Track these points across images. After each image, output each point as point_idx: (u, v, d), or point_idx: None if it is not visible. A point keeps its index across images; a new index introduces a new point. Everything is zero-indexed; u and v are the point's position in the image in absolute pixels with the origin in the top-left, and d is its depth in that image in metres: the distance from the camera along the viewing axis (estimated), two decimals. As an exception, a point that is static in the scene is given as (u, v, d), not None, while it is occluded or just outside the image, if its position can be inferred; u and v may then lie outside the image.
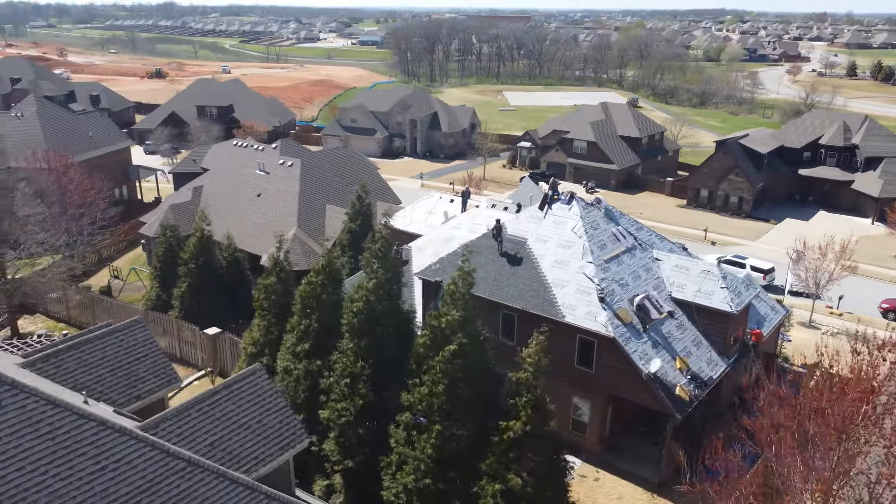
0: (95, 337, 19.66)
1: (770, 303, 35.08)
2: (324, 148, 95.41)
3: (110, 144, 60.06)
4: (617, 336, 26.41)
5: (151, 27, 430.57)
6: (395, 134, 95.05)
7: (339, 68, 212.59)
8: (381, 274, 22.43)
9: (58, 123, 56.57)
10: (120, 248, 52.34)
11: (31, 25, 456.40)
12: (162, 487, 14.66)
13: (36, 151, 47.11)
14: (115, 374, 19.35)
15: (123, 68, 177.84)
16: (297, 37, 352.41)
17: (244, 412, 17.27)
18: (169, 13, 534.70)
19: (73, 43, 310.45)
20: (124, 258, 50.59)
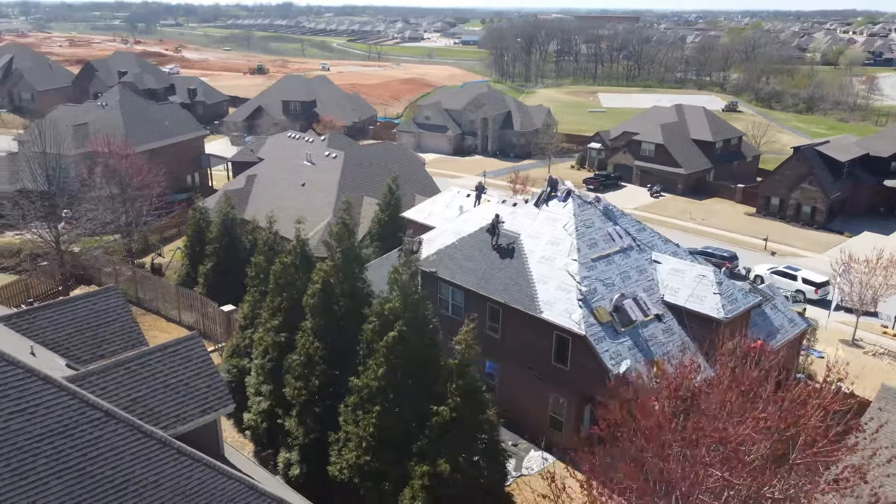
0: (70, 299, 21.81)
1: (788, 314, 33.50)
2: (397, 141, 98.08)
3: (184, 133, 64.38)
4: (589, 334, 26.26)
5: (268, 26, 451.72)
6: (468, 132, 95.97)
7: (434, 67, 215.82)
8: (339, 257, 23.46)
9: (137, 112, 61.28)
10: (182, 231, 56.08)
11: (162, 24, 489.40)
12: (75, 433, 16.29)
13: (101, 136, 51.26)
14: (84, 333, 21.38)
15: (230, 64, 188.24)
16: (402, 36, 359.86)
17: (172, 373, 18.74)
18: (286, 13, 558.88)
19: (194, 40, 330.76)
20: (183, 240, 54.23)
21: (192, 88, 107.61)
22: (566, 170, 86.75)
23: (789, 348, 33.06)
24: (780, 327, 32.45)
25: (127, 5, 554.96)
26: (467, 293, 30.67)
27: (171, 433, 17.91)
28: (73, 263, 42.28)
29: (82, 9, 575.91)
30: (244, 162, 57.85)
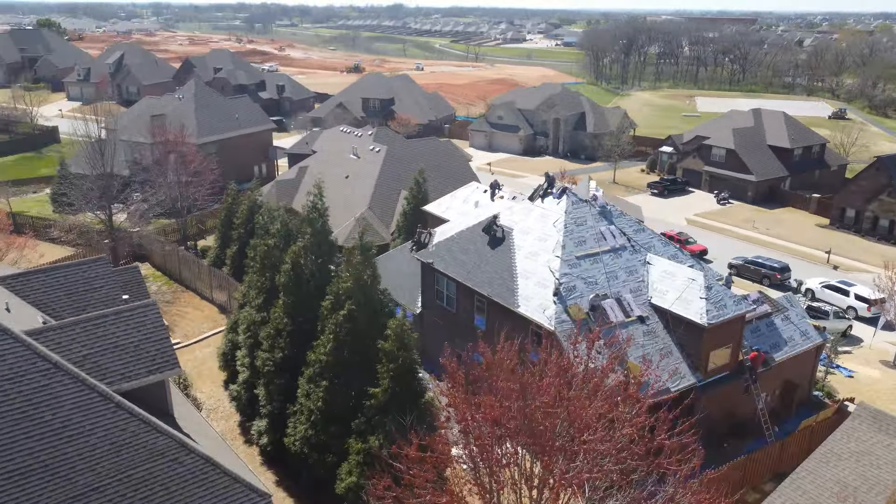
0: (63, 266, 24.18)
1: (802, 327, 31.95)
2: (470, 140, 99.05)
3: (253, 126, 68.01)
4: (559, 331, 26.24)
5: (376, 27, 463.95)
6: (540, 132, 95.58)
7: (526, 68, 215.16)
8: (309, 238, 24.70)
9: (209, 105, 65.35)
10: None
11: (278, 24, 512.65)
12: (24, 380, 18.31)
13: (159, 125, 55.04)
14: (70, 296, 23.69)
15: (328, 63, 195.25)
16: (504, 37, 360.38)
17: (125, 335, 20.52)
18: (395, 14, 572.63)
19: (304, 40, 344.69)
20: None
21: (281, 85, 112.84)
22: (636, 173, 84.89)
23: (800, 362, 31.52)
24: (788, 339, 31.06)
25: (247, 7, 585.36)
26: (458, 285, 31.23)
27: (115, 389, 19.65)
28: (129, 242, 45.92)
29: (208, 10, 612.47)
30: (299, 154, 60.52)
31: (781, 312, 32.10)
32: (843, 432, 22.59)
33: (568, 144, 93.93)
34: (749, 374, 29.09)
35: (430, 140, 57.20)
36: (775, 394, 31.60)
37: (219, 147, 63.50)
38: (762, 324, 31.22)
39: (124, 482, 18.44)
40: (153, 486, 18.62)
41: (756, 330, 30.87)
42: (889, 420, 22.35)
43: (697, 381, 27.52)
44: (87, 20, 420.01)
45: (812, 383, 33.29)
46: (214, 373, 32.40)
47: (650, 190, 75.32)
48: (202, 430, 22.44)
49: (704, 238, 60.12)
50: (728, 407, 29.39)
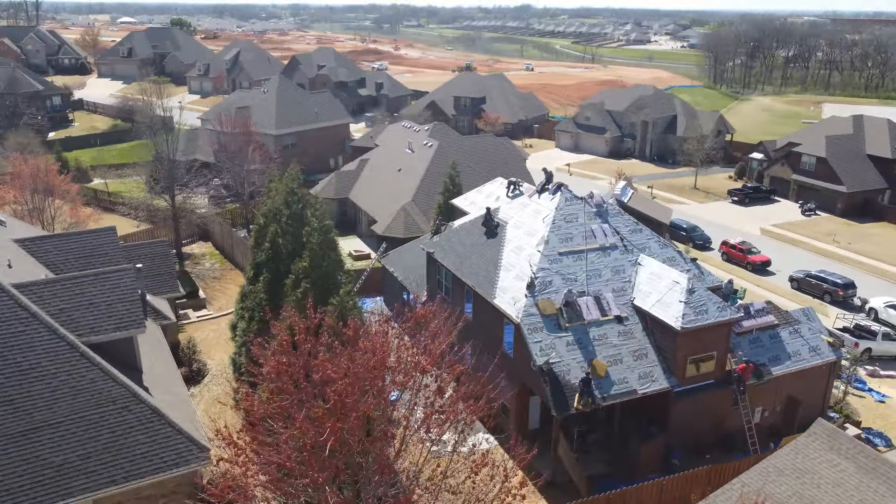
0: (75, 233, 27.33)
1: (813, 342, 30.25)
2: (556, 141, 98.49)
3: (331, 120, 71.37)
4: (524, 323, 26.50)
5: (499, 28, 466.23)
6: (627, 134, 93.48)
7: (641, 70, 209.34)
8: (286, 221, 26.43)
9: (291, 99, 69.31)
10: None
11: (406, 24, 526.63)
12: (3, 325, 21.18)
13: (225, 117, 58.91)
14: (78, 259, 26.76)
15: (439, 62, 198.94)
16: (627, 38, 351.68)
17: (100, 294, 23.07)
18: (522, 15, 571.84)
19: (427, 40, 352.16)
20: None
21: (379, 82, 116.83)
22: (723, 180, 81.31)
23: (807, 378, 29.85)
24: (793, 353, 29.56)
25: (378, 7, 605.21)
26: (452, 275, 32.01)
27: (84, 340, 22.21)
28: (192, 222, 50.00)
29: (341, 10, 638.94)
30: (363, 147, 63.01)
31: (791, 325, 30.50)
32: (793, 448, 21.52)
33: (656, 148, 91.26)
34: (736, 386, 27.97)
35: (487, 137, 57.89)
36: (775, 409, 30.08)
37: (296, 139, 67.26)
38: (765, 335, 29.85)
39: (77, 422, 20.86)
40: (102, 427, 20.93)
41: (756, 341, 29.59)
42: (844, 440, 21.07)
43: (672, 385, 26.85)
44: (230, 20, 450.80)
45: (825, 403, 31.33)
46: (229, 342, 35.00)
47: (730, 197, 72.05)
48: (171, 388, 24.69)
49: (777, 250, 57.14)
50: (715, 417, 28.42)
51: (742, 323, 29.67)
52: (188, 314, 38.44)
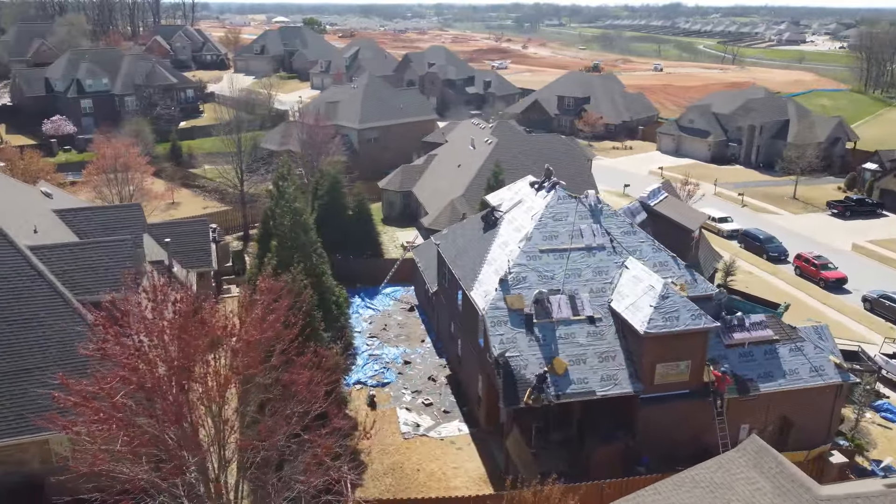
0: (103, 207, 30.98)
1: (817, 362, 28.45)
2: (658, 143, 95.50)
3: (415, 116, 73.68)
4: (489, 316, 27.02)
5: (642, 27, 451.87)
6: (733, 139, 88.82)
7: (784, 72, 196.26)
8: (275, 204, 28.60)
9: (377, 95, 72.35)
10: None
11: (547, 23, 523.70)
12: (13, 281, 24.81)
13: (333, 111, 62.49)
14: (105, 230, 30.35)
15: (563, 62, 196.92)
16: (779, 38, 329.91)
17: (100, 260, 26.26)
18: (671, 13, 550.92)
19: (563, 39, 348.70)
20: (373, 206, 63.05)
21: (488, 81, 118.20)
22: (832, 191, 75.46)
23: (805, 399, 28.12)
24: (789, 372, 28.02)
25: (521, 6, 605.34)
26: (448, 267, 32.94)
27: (80, 298, 25.48)
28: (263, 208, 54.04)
29: (484, 10, 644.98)
30: (433, 143, 64.68)
31: (793, 342, 28.79)
32: (718, 461, 20.75)
33: (764, 154, 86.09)
34: (713, 398, 26.94)
35: (552, 137, 57.66)
36: (766, 428, 28.51)
37: (379, 133, 70.20)
38: (759, 349, 28.42)
39: (64, 367, 24.04)
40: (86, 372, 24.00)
41: (747, 354, 28.26)
42: (770, 459, 20.06)
43: (636, 390, 26.37)
44: (376, 20, 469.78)
45: (831, 428, 29.23)
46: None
47: (830, 210, 66.94)
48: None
49: (864, 267, 52.95)
50: (692, 428, 27.44)
51: (733, 335, 28.45)
52: (231, 288, 41.87)
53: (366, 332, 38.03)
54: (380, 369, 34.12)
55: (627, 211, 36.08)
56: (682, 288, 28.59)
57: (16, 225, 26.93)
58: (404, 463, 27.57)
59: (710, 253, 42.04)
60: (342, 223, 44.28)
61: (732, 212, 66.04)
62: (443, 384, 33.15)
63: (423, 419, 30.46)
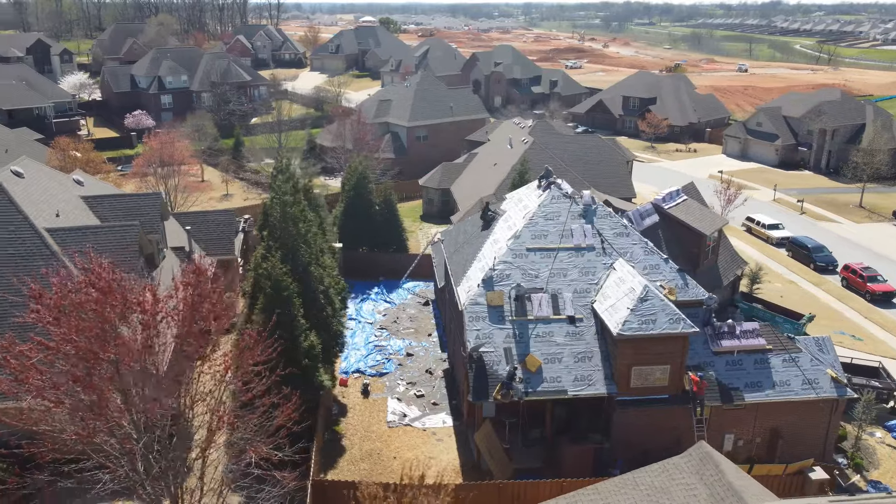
0: (125, 195, 33.26)
1: (811, 375, 27.46)
2: (723, 147, 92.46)
3: (465, 115, 74.32)
4: (467, 311, 27.47)
5: (736, 26, 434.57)
6: (803, 143, 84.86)
7: (883, 73, 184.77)
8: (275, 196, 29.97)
9: (429, 94, 73.42)
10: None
11: (637, 22, 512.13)
12: (30, 259, 27.19)
13: (386, 109, 63.99)
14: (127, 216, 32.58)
15: (644, 62, 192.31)
16: (885, 38, 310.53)
17: (107, 243, 28.29)
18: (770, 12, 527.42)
19: (650, 39, 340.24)
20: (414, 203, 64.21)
21: (554, 80, 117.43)
22: (904, 201, 71.09)
23: (796, 412, 27.18)
24: (780, 383, 27.18)
25: (611, 5, 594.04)
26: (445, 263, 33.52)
27: (87, 278, 27.59)
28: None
29: (572, 8, 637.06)
30: (476, 141, 65.11)
31: (788, 353, 27.82)
32: (664, 465, 20.54)
33: (834, 160, 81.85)
34: (692, 403, 26.45)
35: (591, 137, 57.04)
36: (753, 440, 27.71)
37: (428, 131, 71.31)
38: (750, 358, 27.64)
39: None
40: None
41: (736, 363, 27.54)
42: (712, 467, 19.73)
43: (610, 392, 26.22)
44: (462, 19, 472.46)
45: (827, 443, 28.05)
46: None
47: (895, 220, 63.19)
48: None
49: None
50: (672, 434, 27.00)
51: (721, 342, 27.78)
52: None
53: (377, 324, 39.11)
54: (381, 360, 35.10)
55: (636, 213, 35.59)
56: (670, 292, 28.18)
57: (40, 209, 29.45)
58: (383, 450, 28.42)
59: (733, 259, 40.75)
60: (368, 218, 45.53)
61: (789, 219, 63.39)
62: (438, 377, 33.78)
63: (412, 410, 31.20)
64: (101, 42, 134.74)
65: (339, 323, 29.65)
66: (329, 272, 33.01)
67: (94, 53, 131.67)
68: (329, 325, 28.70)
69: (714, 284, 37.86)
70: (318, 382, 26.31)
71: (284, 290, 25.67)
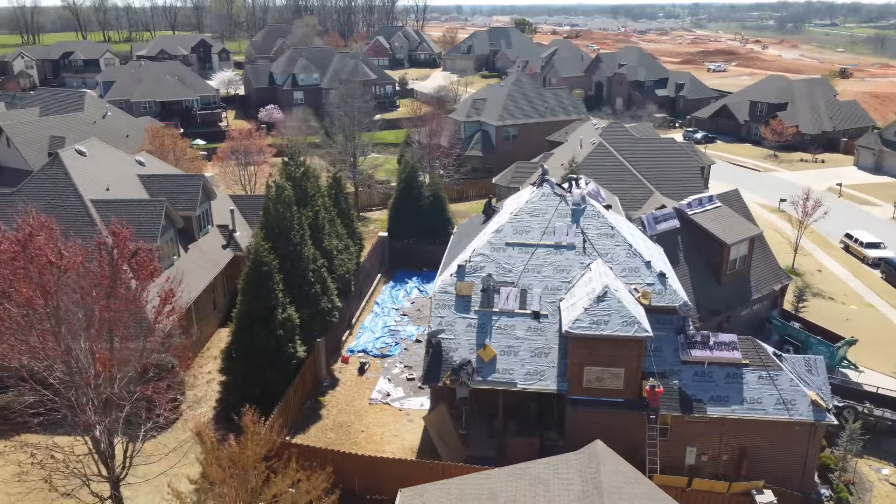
0: (172, 175, 37.45)
1: (789, 395, 25.85)
2: (855, 158, 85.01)
3: (561, 115, 73.98)
4: (436, 299, 28.52)
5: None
6: (949, 157, 75.97)
7: None
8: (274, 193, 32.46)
9: (523, 94, 73.94)
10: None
11: (815, 24, 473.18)
12: (75, 224, 31.75)
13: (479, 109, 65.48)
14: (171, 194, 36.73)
15: (803, 66, 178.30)
16: None
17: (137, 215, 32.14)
18: None
19: (826, 41, 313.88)
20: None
21: (681, 83, 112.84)
22: None
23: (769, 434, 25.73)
24: (750, 400, 25.92)
25: (789, 5, 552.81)
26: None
27: (117, 244, 31.74)
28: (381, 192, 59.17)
29: (744, 9, 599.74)
30: (555, 141, 64.66)
31: (766, 370, 26.29)
32: (557, 459, 20.66)
33: (984, 176, 72.57)
34: (650, 412, 25.82)
35: (665, 141, 54.95)
36: (720, 456, 26.46)
37: (518, 131, 71.92)
38: (721, 371, 26.46)
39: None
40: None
41: (705, 374, 26.48)
42: (594, 466, 19.65)
43: (561, 389, 26.26)
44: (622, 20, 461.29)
45: (806, 470, 26.16)
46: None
47: None
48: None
49: None
50: (627, 440, 26.43)
51: (690, 352, 26.77)
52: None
53: (402, 310, 40.90)
54: (390, 343, 36.86)
55: (650, 217, 34.66)
56: (644, 296, 27.58)
57: (93, 183, 34.15)
58: (354, 423, 30.19)
59: (774, 272, 38.20)
60: (416, 210, 47.40)
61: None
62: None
63: (397, 390, 32.68)
64: (255, 42, 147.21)
65: (329, 301, 31.71)
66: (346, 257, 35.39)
67: (248, 52, 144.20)
68: (316, 301, 30.89)
69: (742, 298, 35.99)
70: (290, 353, 28.56)
71: (264, 266, 28.15)
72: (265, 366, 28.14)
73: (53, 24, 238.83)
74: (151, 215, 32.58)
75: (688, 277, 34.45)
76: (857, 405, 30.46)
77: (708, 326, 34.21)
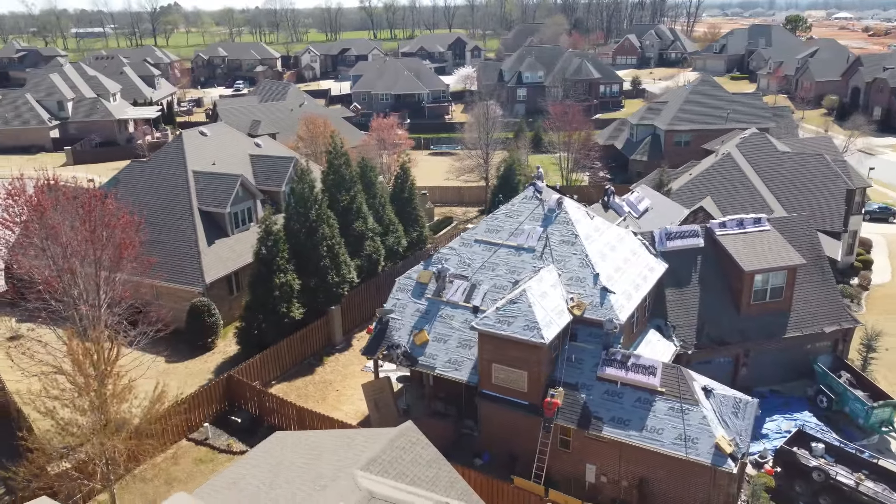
0: (272, 156, 44.47)
1: (694, 433, 24.18)
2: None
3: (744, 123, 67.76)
4: (399, 282, 31.21)
5: None
6: None
7: None
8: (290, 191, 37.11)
9: (704, 98, 69.58)
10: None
11: None
12: (177, 189, 40.29)
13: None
14: (266, 172, 43.79)
15: None
16: None
17: (216, 187, 39.58)
18: None
19: None
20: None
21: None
22: None
23: (669, 469, 24.41)
24: (649, 429, 24.79)
25: None
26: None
27: (202, 208, 39.56)
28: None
29: None
30: (709, 150, 59.70)
31: (681, 402, 24.60)
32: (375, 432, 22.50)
33: None
34: (547, 423, 25.84)
35: (808, 157, 48.09)
36: (619, 482, 25.37)
37: (691, 136, 68.02)
38: (633, 394, 25.44)
39: (174, 243, 38.66)
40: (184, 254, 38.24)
41: (615, 394, 25.68)
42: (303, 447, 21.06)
43: (470, 381, 27.45)
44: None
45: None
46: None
47: None
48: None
49: None
50: (529, 442, 26.61)
51: (606, 369, 25.99)
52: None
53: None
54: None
55: (662, 232, 32.75)
56: (578, 306, 27.32)
57: (202, 157, 42.41)
58: (335, 382, 34.16)
59: (833, 312, 33.01)
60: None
61: None
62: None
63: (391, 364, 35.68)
64: (506, 40, 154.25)
65: (338, 275, 35.84)
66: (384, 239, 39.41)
67: (499, 50, 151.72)
68: (325, 274, 35.31)
69: (768, 332, 32.28)
70: (282, 312, 33.46)
71: (271, 235, 33.38)
72: (263, 320, 33.45)
73: (352, 24, 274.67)
74: (227, 187, 39.76)
75: (696, 301, 32.01)
76: (844, 471, 26.20)
77: (711, 355, 31.70)
